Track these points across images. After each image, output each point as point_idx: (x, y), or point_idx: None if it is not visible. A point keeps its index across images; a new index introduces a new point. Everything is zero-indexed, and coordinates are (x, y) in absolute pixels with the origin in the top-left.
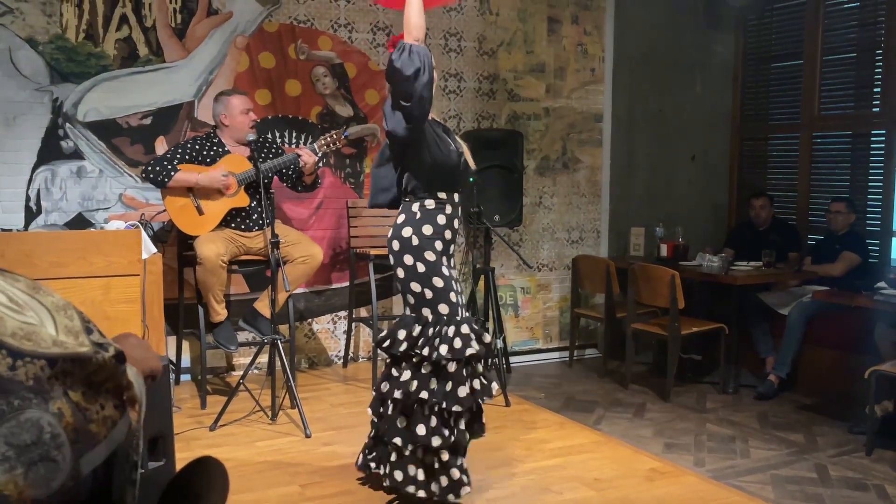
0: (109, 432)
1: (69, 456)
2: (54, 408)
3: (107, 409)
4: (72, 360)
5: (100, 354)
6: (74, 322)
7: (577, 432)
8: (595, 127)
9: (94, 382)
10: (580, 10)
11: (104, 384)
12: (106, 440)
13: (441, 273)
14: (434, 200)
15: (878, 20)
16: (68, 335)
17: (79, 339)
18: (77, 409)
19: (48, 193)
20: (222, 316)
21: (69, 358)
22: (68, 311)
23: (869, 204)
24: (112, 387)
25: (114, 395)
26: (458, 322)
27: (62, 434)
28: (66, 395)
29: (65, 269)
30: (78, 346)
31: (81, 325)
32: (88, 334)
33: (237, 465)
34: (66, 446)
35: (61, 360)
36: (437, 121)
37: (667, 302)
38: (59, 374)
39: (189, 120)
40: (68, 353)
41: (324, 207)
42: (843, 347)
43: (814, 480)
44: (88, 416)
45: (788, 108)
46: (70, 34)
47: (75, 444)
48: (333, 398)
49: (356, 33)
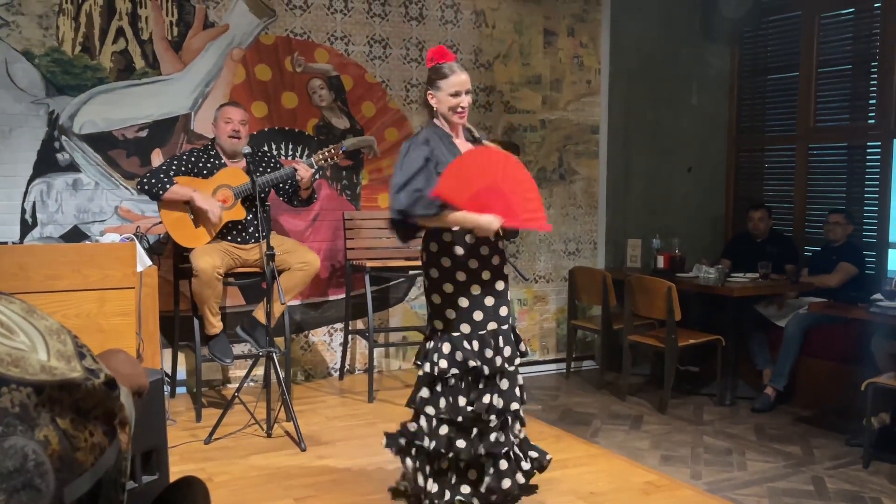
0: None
1: (52, 484)
2: (40, 435)
3: (96, 435)
4: (60, 386)
5: (90, 381)
6: (67, 346)
7: (573, 445)
8: (591, 139)
9: (82, 409)
10: (576, 22)
11: (93, 410)
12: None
13: (459, 300)
14: (455, 231)
15: (874, 32)
16: (60, 360)
17: (70, 363)
18: (64, 437)
19: (44, 206)
20: (218, 328)
21: (58, 385)
22: (62, 335)
23: (865, 215)
24: (102, 413)
25: (103, 422)
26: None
27: (46, 462)
28: (54, 422)
29: (59, 282)
30: (69, 370)
31: (74, 349)
32: (81, 359)
33: (232, 478)
34: (49, 474)
35: (49, 387)
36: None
37: (664, 314)
38: (47, 401)
39: (185, 132)
40: (56, 380)
41: (320, 219)
42: (839, 359)
43: (810, 493)
44: (76, 443)
45: (784, 120)
46: (66, 47)
47: (59, 472)
48: (329, 411)
49: (353, 46)
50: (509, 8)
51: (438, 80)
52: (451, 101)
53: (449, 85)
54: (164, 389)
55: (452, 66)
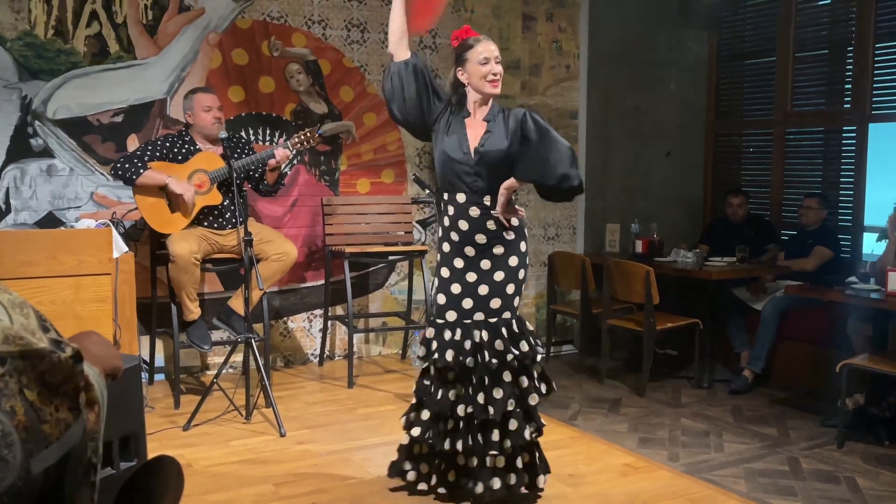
0: (62, 434)
1: (20, 455)
2: (6, 406)
3: (61, 411)
4: (23, 356)
5: (55, 354)
6: (31, 320)
7: (552, 428)
8: (570, 124)
9: (49, 383)
10: (555, 7)
11: (61, 386)
12: (58, 442)
13: (441, 271)
14: (444, 201)
15: (850, 17)
16: (23, 331)
17: (35, 335)
18: (31, 409)
19: (17, 192)
20: (196, 314)
21: (22, 354)
22: (24, 308)
23: (841, 199)
24: (70, 389)
25: (70, 398)
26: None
27: (13, 433)
28: (22, 394)
29: (34, 269)
30: (34, 341)
31: (38, 323)
32: (45, 332)
33: (211, 464)
34: (16, 445)
35: (14, 357)
36: (466, 109)
37: (642, 298)
38: (14, 372)
39: (161, 118)
40: (20, 350)
41: (298, 205)
42: (815, 342)
43: (786, 473)
44: (42, 416)
45: (762, 105)
46: (39, 30)
47: (26, 443)
48: (308, 397)
49: (330, 30)
50: None
51: (465, 52)
52: (482, 70)
53: (476, 53)
54: (141, 376)
55: (478, 38)
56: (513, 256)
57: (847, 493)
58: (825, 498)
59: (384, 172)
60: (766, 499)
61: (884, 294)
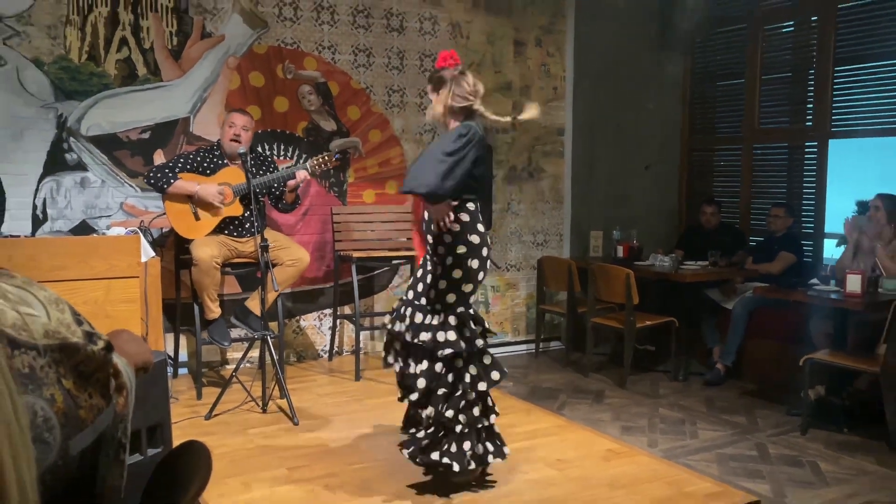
0: (96, 418)
1: (59, 438)
2: (47, 394)
3: (94, 398)
4: (61, 349)
5: (89, 346)
6: (66, 315)
7: (542, 417)
8: (558, 140)
9: (83, 373)
10: (543, 33)
11: (94, 374)
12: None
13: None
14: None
15: (812, 43)
16: (60, 326)
17: (70, 329)
18: (68, 396)
19: (54, 202)
20: (216, 314)
21: (59, 347)
22: (60, 304)
23: (804, 208)
24: (102, 377)
25: (102, 385)
26: None
27: (53, 418)
28: (60, 383)
29: (69, 272)
30: (70, 335)
31: (72, 317)
32: (79, 325)
33: (230, 450)
34: (56, 429)
35: (53, 349)
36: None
37: (623, 298)
38: (53, 363)
39: (185, 134)
40: (59, 343)
41: (310, 214)
42: (781, 338)
43: (755, 458)
44: (78, 402)
45: (732, 122)
46: (73, 55)
47: (65, 427)
48: (319, 389)
49: (339, 55)
50: (482, 20)
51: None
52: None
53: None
54: (167, 370)
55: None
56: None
57: (810, 476)
58: (790, 480)
59: (388, 184)
60: (737, 481)
61: (842, 295)
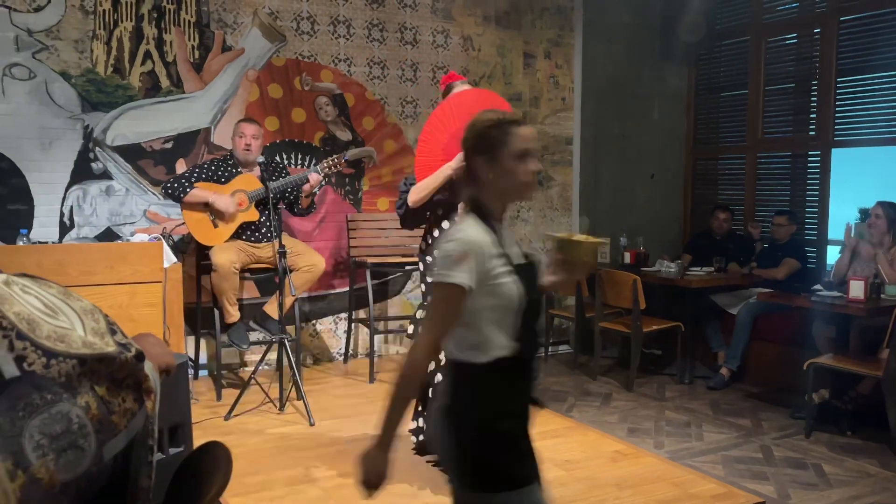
0: (129, 423)
1: (94, 444)
2: (82, 402)
3: (127, 402)
4: (98, 359)
5: (123, 354)
6: (100, 325)
7: (550, 419)
8: (566, 149)
9: (116, 379)
10: (552, 46)
11: (126, 380)
12: (126, 430)
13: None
14: None
15: (814, 55)
16: (95, 336)
17: (104, 339)
18: (102, 403)
19: (80, 210)
20: (235, 318)
21: (97, 358)
22: (95, 314)
23: (807, 216)
24: (132, 382)
25: (133, 390)
26: None
27: (88, 424)
28: (93, 390)
29: (94, 277)
30: (104, 346)
31: (107, 327)
32: (113, 335)
33: (248, 450)
34: (91, 435)
35: (90, 359)
36: None
37: (630, 303)
38: (88, 372)
39: (206, 144)
40: (96, 354)
41: (326, 221)
42: (785, 342)
43: (759, 460)
44: (111, 408)
45: (735, 132)
46: (100, 68)
47: (99, 433)
48: (335, 391)
49: (354, 67)
50: (493, 34)
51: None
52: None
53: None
54: (188, 372)
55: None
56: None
57: (814, 478)
58: (794, 482)
59: None
60: (742, 482)
61: (845, 300)
